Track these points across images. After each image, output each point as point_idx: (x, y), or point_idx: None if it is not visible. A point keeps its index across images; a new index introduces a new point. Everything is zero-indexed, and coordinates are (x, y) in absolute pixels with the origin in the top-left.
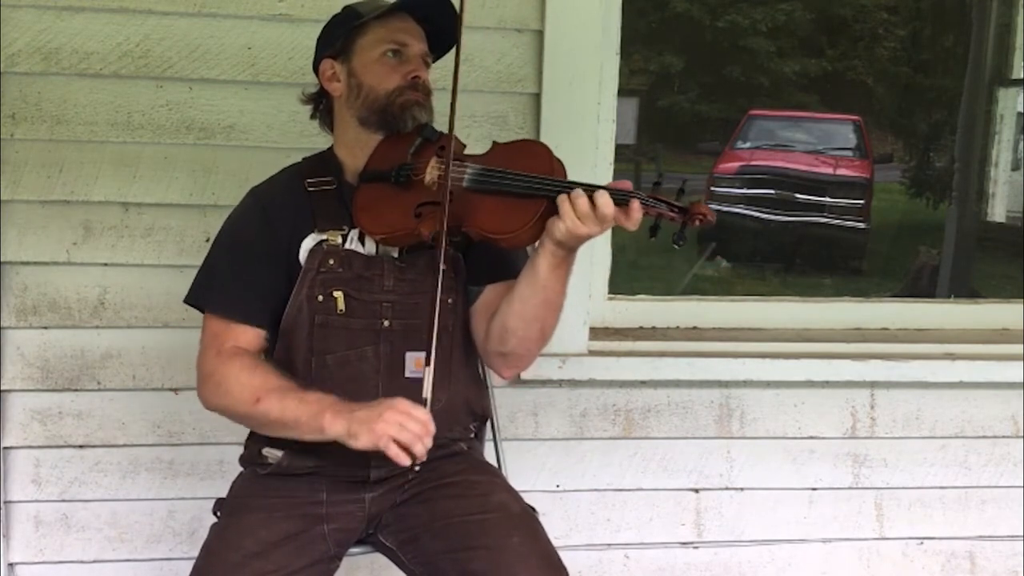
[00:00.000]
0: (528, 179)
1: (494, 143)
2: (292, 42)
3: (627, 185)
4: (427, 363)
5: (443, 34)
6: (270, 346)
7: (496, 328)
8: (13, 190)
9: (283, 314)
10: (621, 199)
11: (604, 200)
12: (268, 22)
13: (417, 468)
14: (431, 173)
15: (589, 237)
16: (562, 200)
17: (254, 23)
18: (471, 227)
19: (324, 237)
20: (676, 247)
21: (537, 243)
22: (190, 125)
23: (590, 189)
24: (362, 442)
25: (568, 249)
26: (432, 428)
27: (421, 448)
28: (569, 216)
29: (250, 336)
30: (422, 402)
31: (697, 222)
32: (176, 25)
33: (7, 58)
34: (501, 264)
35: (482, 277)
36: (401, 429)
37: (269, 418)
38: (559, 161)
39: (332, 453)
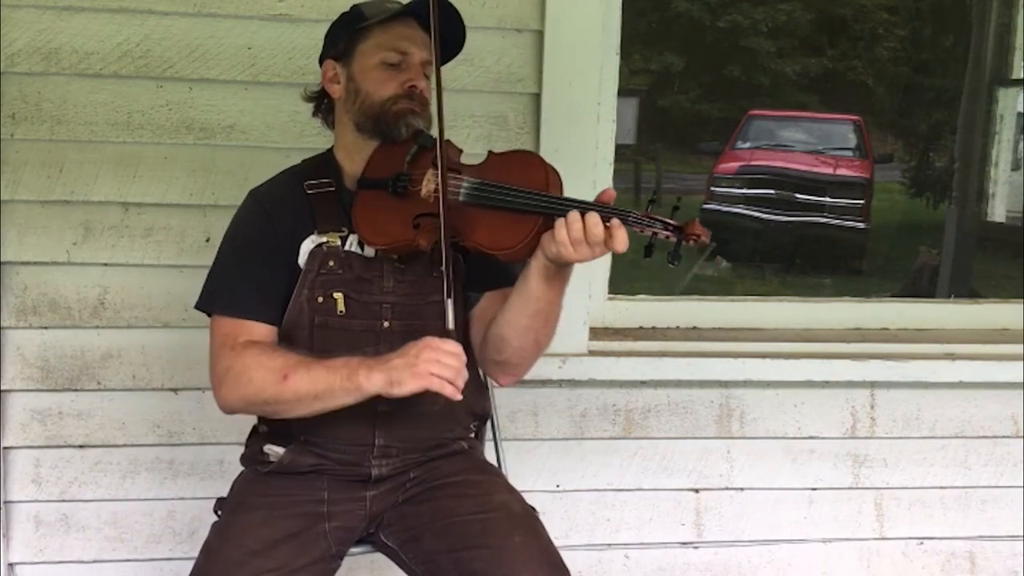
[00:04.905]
0: (525, 195)
1: (489, 152)
2: (292, 42)
3: (611, 195)
4: (447, 295)
5: (447, 41)
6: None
7: (492, 337)
8: (13, 190)
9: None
10: (608, 215)
11: (594, 221)
12: (268, 22)
13: (460, 397)
14: (427, 185)
15: (579, 261)
16: (559, 224)
17: (254, 23)
18: (468, 241)
19: (324, 239)
20: (671, 266)
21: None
22: (190, 125)
23: (584, 209)
24: (408, 386)
25: (559, 266)
26: (464, 358)
27: (461, 381)
28: (563, 240)
29: (263, 331)
30: (447, 335)
31: (692, 242)
32: (176, 25)
33: (7, 58)
34: (498, 271)
35: (480, 284)
36: (441, 365)
37: (300, 392)
38: (555, 172)
39: (333, 450)
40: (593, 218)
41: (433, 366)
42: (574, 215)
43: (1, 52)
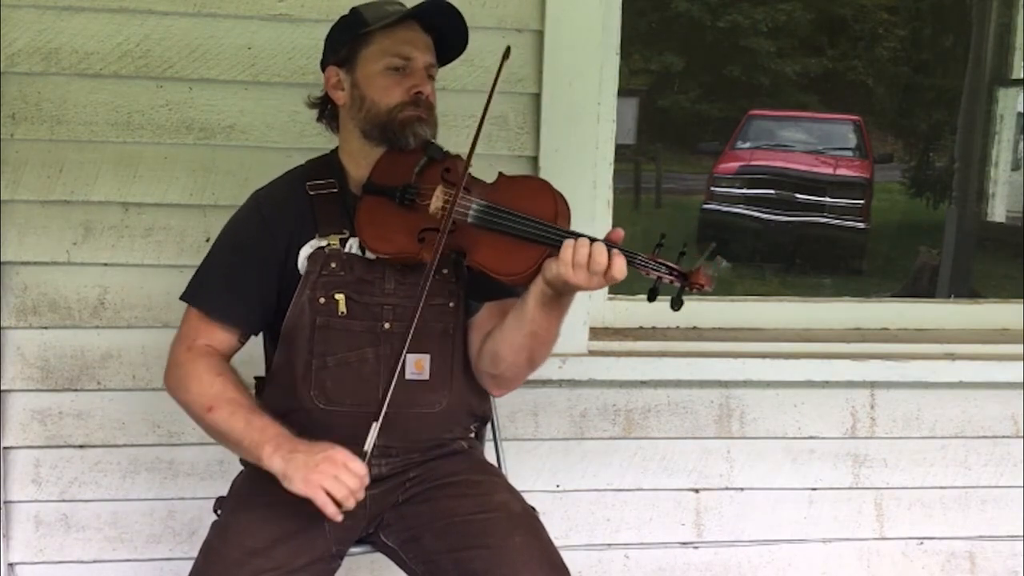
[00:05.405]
0: (534, 224)
1: (500, 175)
2: (292, 42)
3: (619, 235)
4: (375, 419)
5: (450, 41)
6: (268, 350)
7: (487, 351)
8: (13, 190)
9: (276, 319)
10: (612, 249)
11: (599, 250)
12: (268, 22)
13: (340, 519)
14: (436, 202)
15: (576, 288)
16: (566, 245)
17: (254, 23)
18: (472, 261)
19: (325, 242)
20: (673, 311)
21: None
22: (190, 125)
23: (592, 241)
24: (295, 487)
25: (556, 291)
26: (367, 481)
27: (352, 503)
28: (566, 260)
29: (223, 337)
30: (362, 453)
31: (695, 290)
32: (176, 25)
33: (7, 58)
34: (500, 284)
35: (480, 294)
36: (335, 482)
37: (214, 427)
38: (564, 203)
39: None
40: (599, 247)
41: (327, 480)
42: (583, 240)
43: (1, 52)
